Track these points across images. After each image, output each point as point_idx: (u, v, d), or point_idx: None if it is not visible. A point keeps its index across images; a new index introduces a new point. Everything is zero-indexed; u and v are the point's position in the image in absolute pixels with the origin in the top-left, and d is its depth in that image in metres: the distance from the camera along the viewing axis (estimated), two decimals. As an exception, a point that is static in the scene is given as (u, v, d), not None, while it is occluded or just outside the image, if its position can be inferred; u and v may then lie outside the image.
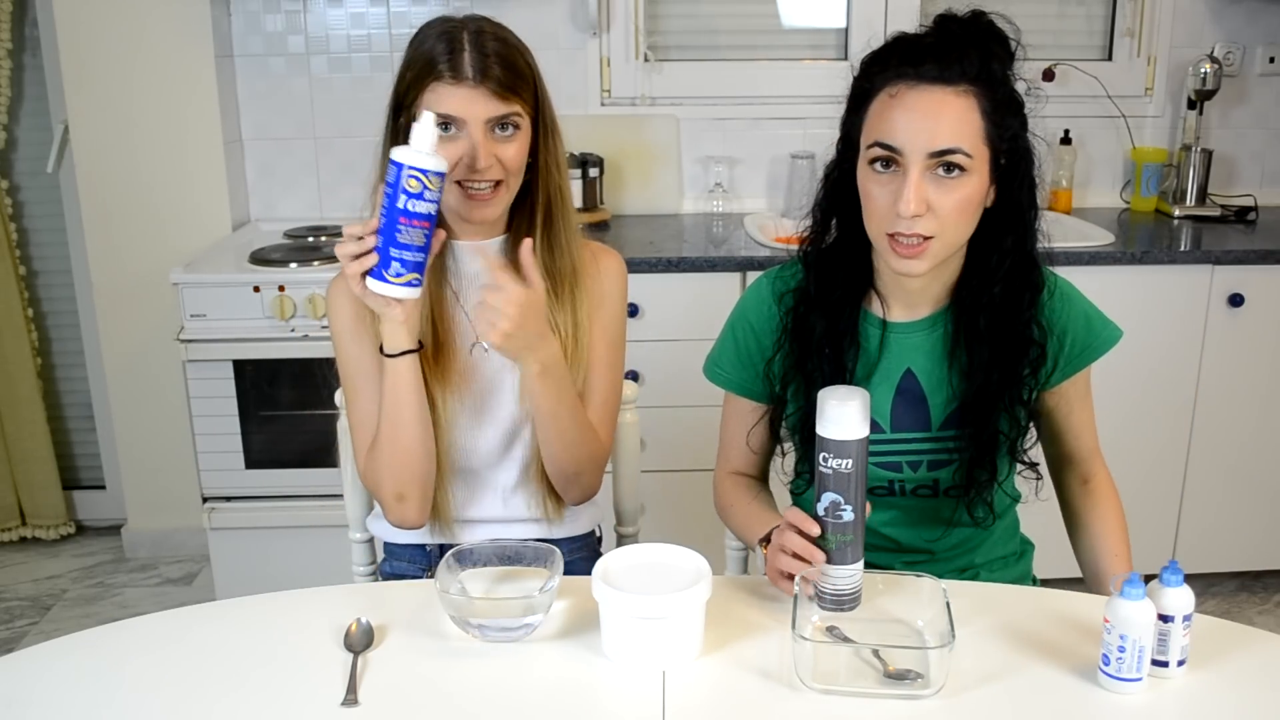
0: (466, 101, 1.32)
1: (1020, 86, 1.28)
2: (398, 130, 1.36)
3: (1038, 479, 1.46)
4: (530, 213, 1.42)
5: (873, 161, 1.24)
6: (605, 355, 1.48)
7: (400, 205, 1.18)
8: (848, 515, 1.16)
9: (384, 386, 1.35)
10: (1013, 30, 1.26)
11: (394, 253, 1.19)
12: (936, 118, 1.20)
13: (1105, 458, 1.47)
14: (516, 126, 1.36)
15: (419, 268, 1.21)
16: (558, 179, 1.42)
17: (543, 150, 1.41)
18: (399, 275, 1.19)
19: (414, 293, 1.22)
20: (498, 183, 1.36)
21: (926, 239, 1.22)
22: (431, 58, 1.33)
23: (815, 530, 1.17)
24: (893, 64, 1.24)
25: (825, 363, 1.35)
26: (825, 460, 1.15)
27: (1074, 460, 1.47)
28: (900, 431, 1.37)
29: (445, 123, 1.32)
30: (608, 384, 1.49)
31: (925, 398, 1.37)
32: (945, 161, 1.20)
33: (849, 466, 1.15)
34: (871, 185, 1.25)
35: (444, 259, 1.44)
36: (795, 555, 1.19)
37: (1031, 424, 1.41)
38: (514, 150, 1.36)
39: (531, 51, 1.39)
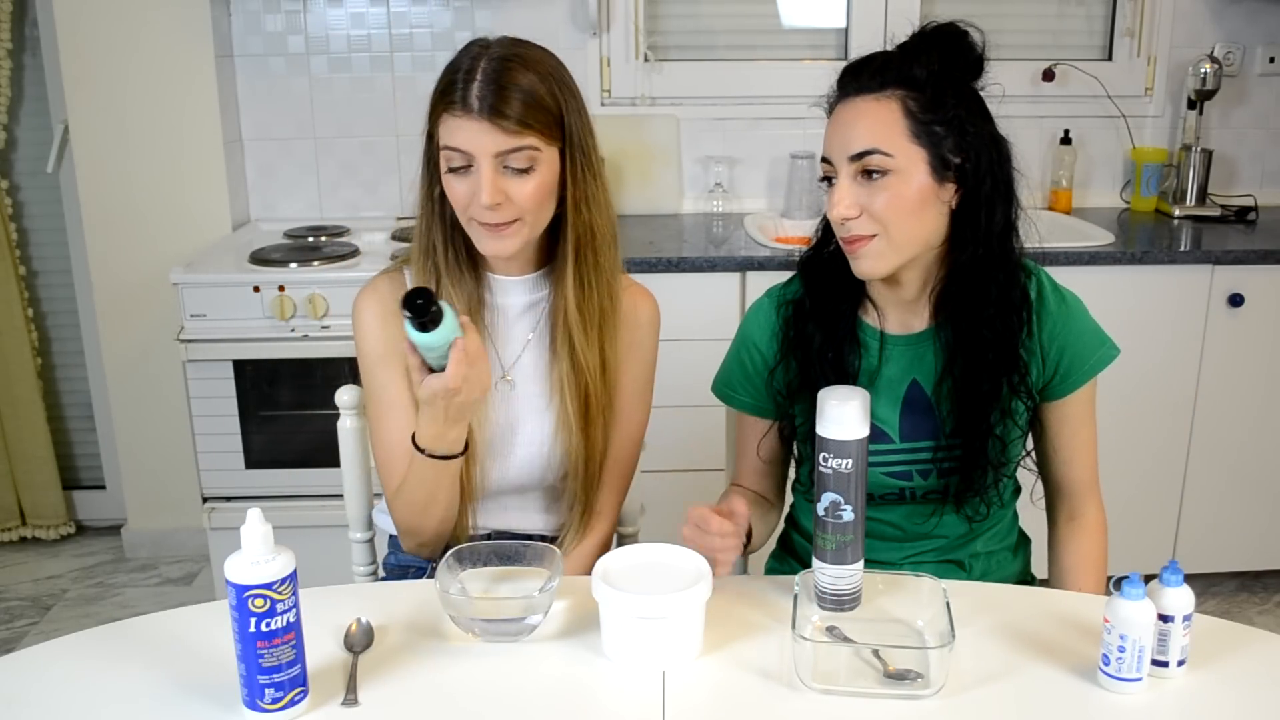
0: (473, 135, 1.26)
1: (996, 90, 1.31)
2: (431, 156, 1.33)
3: (1036, 478, 1.46)
4: (562, 250, 1.37)
5: (823, 179, 1.31)
6: (626, 406, 1.47)
7: (253, 630, 1.03)
8: (848, 515, 1.16)
9: (422, 475, 1.33)
10: (979, 36, 1.30)
11: (263, 679, 1.04)
12: (853, 125, 1.26)
13: (1105, 458, 1.47)
14: (532, 162, 1.28)
15: (299, 680, 1.07)
16: (588, 217, 1.35)
17: (571, 186, 1.33)
18: (277, 701, 1.05)
19: (302, 708, 1.07)
20: (514, 220, 1.30)
21: (869, 237, 1.26)
22: (447, 84, 1.28)
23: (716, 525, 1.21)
24: (835, 91, 1.31)
25: (829, 367, 1.36)
26: (825, 460, 1.16)
27: (1066, 492, 1.45)
28: (910, 441, 1.38)
29: (460, 158, 1.28)
30: (626, 436, 1.49)
31: (933, 407, 1.37)
32: (866, 164, 1.25)
33: (849, 466, 1.15)
34: (827, 200, 1.30)
35: (480, 292, 1.40)
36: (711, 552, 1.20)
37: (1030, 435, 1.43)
38: (530, 188, 1.28)
39: (570, 80, 1.33)
